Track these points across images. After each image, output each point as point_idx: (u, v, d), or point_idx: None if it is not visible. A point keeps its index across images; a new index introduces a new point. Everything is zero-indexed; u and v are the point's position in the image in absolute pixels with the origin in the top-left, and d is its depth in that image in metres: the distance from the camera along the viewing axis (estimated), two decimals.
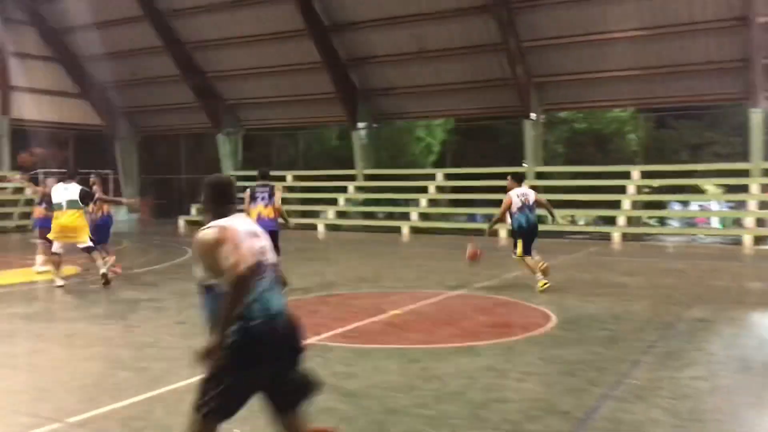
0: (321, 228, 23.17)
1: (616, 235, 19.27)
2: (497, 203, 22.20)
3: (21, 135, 26.18)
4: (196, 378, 5.61)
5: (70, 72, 28.07)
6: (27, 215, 15.97)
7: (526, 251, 10.23)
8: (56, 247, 10.76)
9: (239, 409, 3.30)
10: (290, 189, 25.71)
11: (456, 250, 11.66)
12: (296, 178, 26.04)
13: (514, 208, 10.24)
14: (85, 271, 12.10)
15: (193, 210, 25.77)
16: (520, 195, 10.32)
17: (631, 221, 20.55)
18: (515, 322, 8.11)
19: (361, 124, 24.63)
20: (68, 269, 11.37)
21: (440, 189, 23.49)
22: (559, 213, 24.88)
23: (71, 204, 10.62)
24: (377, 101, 24.76)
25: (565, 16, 20.12)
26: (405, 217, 23.35)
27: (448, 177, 23.94)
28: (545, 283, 9.92)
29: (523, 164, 22.83)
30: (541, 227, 10.04)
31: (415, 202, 23.76)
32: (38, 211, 12.97)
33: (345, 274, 12.66)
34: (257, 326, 3.20)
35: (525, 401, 5.07)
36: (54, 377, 5.93)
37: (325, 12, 22.78)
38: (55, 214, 10.79)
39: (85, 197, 10.88)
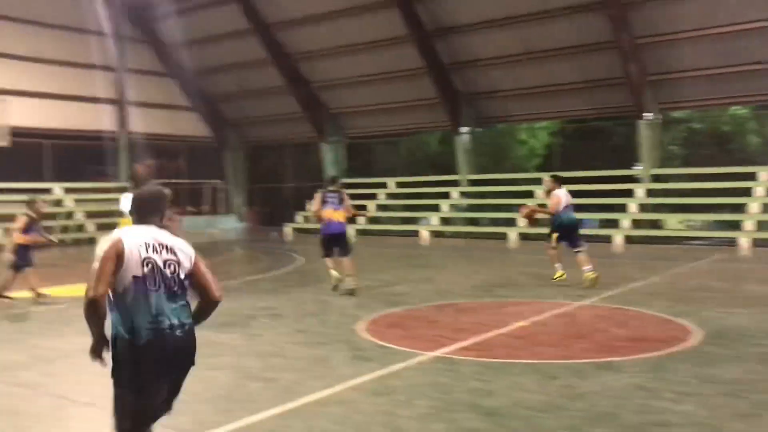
0: (425, 234, 22.93)
1: (744, 241, 17.93)
2: (608, 208, 21.48)
3: (137, 147, 27.41)
4: (329, 391, 5.55)
5: (181, 85, 29.19)
6: None
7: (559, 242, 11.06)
8: None
9: (145, 426, 3.35)
10: (393, 196, 25.69)
11: (569, 257, 11.10)
12: (399, 184, 25.95)
13: (560, 207, 10.92)
14: None
15: (299, 218, 26.14)
16: (564, 195, 11.06)
17: (760, 226, 19.10)
18: (653, 336, 7.54)
19: (464, 129, 24.26)
20: None
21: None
22: (676, 217, 23.94)
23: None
24: (481, 105, 24.29)
25: (682, 10, 18.96)
26: (511, 222, 22.73)
27: None
28: (562, 274, 10.79)
29: (636, 166, 21.78)
30: (657, 233, 10.39)
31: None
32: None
33: (456, 281, 12.33)
34: (143, 344, 3.19)
35: (689, 426, 4.59)
36: (187, 387, 5.90)
37: (428, 17, 22.57)
38: (122, 221, 11.56)
39: None
